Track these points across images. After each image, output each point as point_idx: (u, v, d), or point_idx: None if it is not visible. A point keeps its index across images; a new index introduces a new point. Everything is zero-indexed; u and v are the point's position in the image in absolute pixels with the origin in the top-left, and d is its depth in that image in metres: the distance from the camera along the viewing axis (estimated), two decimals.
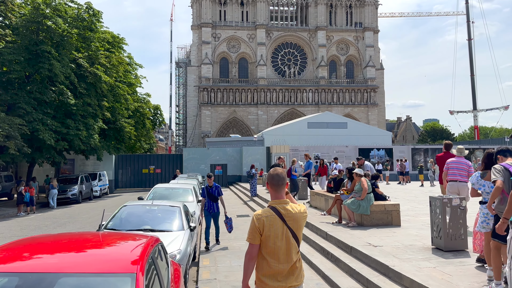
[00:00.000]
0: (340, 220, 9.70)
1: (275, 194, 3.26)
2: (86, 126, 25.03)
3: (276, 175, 3.27)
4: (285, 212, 3.12)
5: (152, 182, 35.20)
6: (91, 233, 4.04)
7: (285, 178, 3.29)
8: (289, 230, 3.14)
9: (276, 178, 3.26)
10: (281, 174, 3.31)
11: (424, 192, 19.23)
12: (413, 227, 8.84)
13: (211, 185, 9.90)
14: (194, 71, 70.20)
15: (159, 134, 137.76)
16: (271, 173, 3.29)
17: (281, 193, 3.25)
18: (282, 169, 3.42)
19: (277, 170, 3.32)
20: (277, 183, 3.25)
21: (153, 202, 7.96)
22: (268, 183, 3.33)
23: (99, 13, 25.25)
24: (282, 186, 3.25)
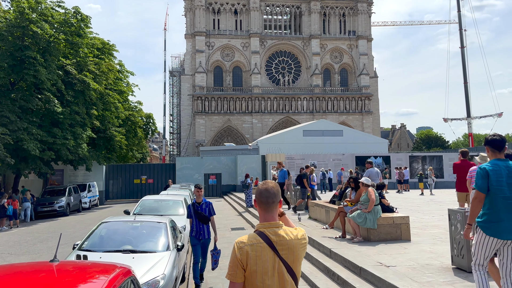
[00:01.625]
0: (344, 234, 8.87)
1: (264, 215, 2.52)
2: (74, 135, 24.06)
3: (265, 191, 2.54)
4: (276, 239, 2.38)
5: (144, 193, 34.07)
6: (43, 265, 3.20)
7: (277, 194, 2.55)
8: (283, 262, 2.39)
9: (265, 195, 2.52)
10: (272, 189, 2.56)
11: (426, 201, 18.50)
12: (425, 242, 8.03)
13: (200, 201, 7.42)
14: (188, 80, 69.58)
15: (153, 144, 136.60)
16: (259, 187, 2.58)
17: (271, 213, 2.50)
18: (274, 183, 2.62)
19: (267, 184, 2.59)
20: (266, 200, 2.51)
21: (136, 218, 7.08)
22: (255, 200, 2.58)
23: (87, 18, 24.45)
24: (273, 204, 2.52)
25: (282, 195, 15.28)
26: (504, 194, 3.89)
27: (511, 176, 3.94)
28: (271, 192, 2.52)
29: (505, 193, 3.90)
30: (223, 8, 71.41)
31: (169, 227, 6.80)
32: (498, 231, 3.87)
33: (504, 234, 3.85)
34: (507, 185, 3.92)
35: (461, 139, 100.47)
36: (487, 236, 3.94)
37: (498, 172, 3.95)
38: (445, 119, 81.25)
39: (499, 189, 3.92)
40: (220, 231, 13.82)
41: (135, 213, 11.27)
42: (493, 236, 3.90)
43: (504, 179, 3.93)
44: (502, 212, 3.89)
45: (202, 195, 7.57)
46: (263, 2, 72.57)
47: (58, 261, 3.16)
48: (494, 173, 3.96)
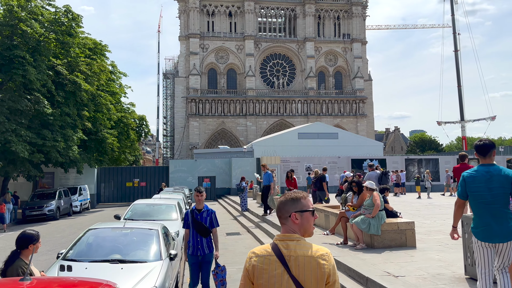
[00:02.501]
0: (345, 241, 8.45)
1: (282, 227, 2.28)
2: (64, 137, 23.43)
3: (281, 204, 2.29)
4: (288, 253, 2.11)
5: (136, 196, 33.51)
6: (10, 285, 2.74)
7: (281, 209, 2.28)
8: (293, 280, 2.08)
9: (280, 207, 2.28)
10: (279, 203, 2.32)
11: (424, 205, 18.18)
12: (431, 249, 7.65)
13: (201, 208, 5.97)
14: (182, 82, 69.03)
15: (146, 146, 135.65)
16: (280, 199, 2.32)
17: (284, 226, 2.25)
18: (301, 193, 2.30)
19: (286, 196, 2.30)
20: (276, 213, 2.33)
21: (125, 224, 6.59)
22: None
23: (78, 17, 23.88)
24: (281, 219, 2.28)
25: (264, 199, 14.71)
26: (485, 199, 3.92)
27: (492, 181, 3.91)
28: (278, 206, 2.30)
29: (485, 198, 3.92)
30: (218, 10, 71.07)
31: (161, 234, 6.33)
32: (488, 235, 3.93)
33: (494, 238, 3.90)
34: (488, 190, 3.91)
35: (454, 142, 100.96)
36: (481, 242, 4.02)
37: (476, 178, 3.99)
38: (439, 122, 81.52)
39: (478, 195, 3.97)
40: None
41: (126, 218, 10.76)
42: (484, 241, 3.97)
43: (483, 184, 3.95)
44: (487, 217, 3.92)
45: (203, 200, 5.97)
46: (257, 5, 72.35)
47: (30, 279, 2.70)
48: (471, 179, 4.03)
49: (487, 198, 3.92)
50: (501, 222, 3.88)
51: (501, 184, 3.89)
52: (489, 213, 3.91)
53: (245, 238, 12.46)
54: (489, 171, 3.97)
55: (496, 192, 3.89)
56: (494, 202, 3.90)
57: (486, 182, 3.93)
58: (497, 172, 3.94)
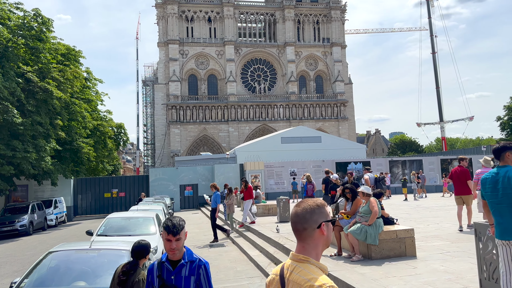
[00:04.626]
0: (339, 251, 7.79)
1: (300, 243, 1.95)
2: (36, 147, 22.14)
3: (293, 214, 1.96)
4: (288, 275, 1.90)
5: (115, 207, 32.25)
6: None
7: (308, 219, 1.90)
8: None
9: (293, 219, 1.96)
10: (302, 212, 1.92)
11: (413, 208, 17.79)
12: (432, 258, 7.06)
13: (178, 259, 3.02)
14: (162, 89, 67.83)
15: (126, 155, 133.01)
16: (304, 206, 1.96)
17: (302, 242, 1.92)
18: (313, 203, 1.92)
19: (299, 205, 1.96)
20: (294, 226, 1.96)
21: (93, 244, 5.75)
22: None
23: (49, 21, 22.70)
24: (304, 232, 1.90)
25: (213, 223, 13.70)
26: (494, 199, 4.16)
27: (499, 182, 4.14)
28: (300, 217, 1.92)
29: (494, 198, 4.16)
30: (197, 16, 70.33)
31: None
32: (501, 233, 4.11)
33: (506, 235, 4.06)
34: (496, 191, 4.14)
35: (434, 143, 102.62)
36: (497, 239, 4.19)
37: (488, 180, 4.26)
38: (418, 124, 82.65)
39: (488, 195, 4.24)
40: (197, 249, 12.51)
41: (99, 234, 9.85)
42: (499, 238, 4.15)
43: (492, 185, 4.20)
44: (496, 215, 4.16)
45: (183, 243, 3.01)
46: (237, 10, 71.98)
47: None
48: (484, 181, 4.31)
49: (496, 198, 4.13)
50: (508, 221, 4.04)
51: (505, 185, 4.07)
52: (496, 211, 4.13)
53: (230, 251, 11.67)
54: (498, 172, 4.17)
55: (503, 193, 4.07)
56: (501, 202, 4.08)
57: (495, 183, 4.15)
58: (504, 174, 4.11)
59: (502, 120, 59.34)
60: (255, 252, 10.55)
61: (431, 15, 75.29)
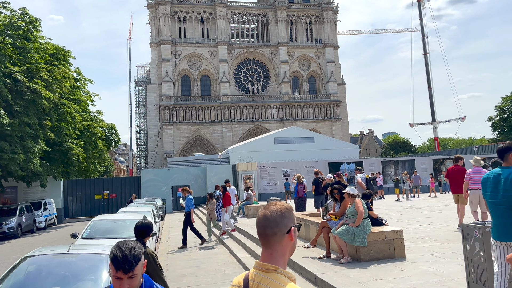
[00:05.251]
0: (328, 253, 7.65)
1: (265, 250, 1.77)
2: (24, 148, 21.77)
3: (262, 217, 1.77)
4: (253, 286, 1.70)
5: (106, 209, 31.91)
6: None
7: (279, 223, 1.74)
8: None
9: (261, 223, 1.77)
10: (273, 214, 1.75)
11: (405, 208, 17.73)
12: (422, 260, 6.95)
13: None
14: (154, 89, 67.42)
15: (119, 156, 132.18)
16: (271, 209, 1.79)
17: (269, 249, 1.74)
18: (284, 205, 1.78)
19: (268, 208, 1.79)
20: (262, 231, 1.76)
21: (71, 248, 5.54)
22: None
23: (37, 21, 22.35)
24: (273, 237, 1.73)
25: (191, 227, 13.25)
26: (491, 199, 4.15)
27: (497, 182, 4.11)
28: (270, 220, 1.74)
29: (494, 199, 4.12)
30: (189, 17, 70.02)
31: None
32: (495, 233, 4.10)
33: (503, 237, 4.01)
34: (496, 191, 4.11)
35: (427, 144, 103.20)
36: (494, 240, 4.14)
37: (488, 180, 4.23)
38: (411, 124, 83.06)
39: (487, 195, 4.22)
40: (187, 251, 12.32)
41: (84, 236, 9.63)
42: (495, 239, 4.10)
43: (492, 186, 4.17)
44: (493, 216, 4.14)
45: (139, 279, 2.16)
46: (229, 11, 71.80)
47: None
48: (485, 180, 4.28)
49: (495, 199, 4.09)
50: (505, 222, 4.00)
51: (507, 187, 3.99)
52: (496, 213, 4.08)
53: (219, 253, 11.49)
54: (501, 173, 4.10)
55: (503, 194, 4.01)
56: (500, 203, 4.03)
57: (496, 184, 4.10)
58: (507, 175, 4.04)
59: (493, 120, 59.84)
60: (244, 254, 10.39)
61: (422, 16, 75.75)
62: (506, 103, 57.74)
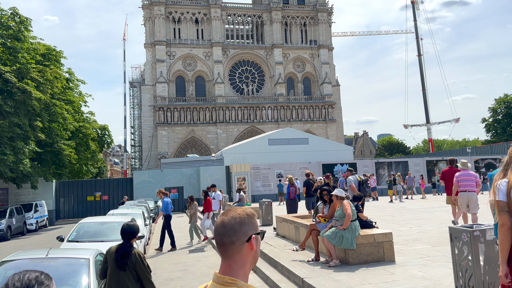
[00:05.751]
0: (317, 256, 7.53)
1: (224, 261, 1.60)
2: (14, 150, 21.49)
3: (220, 225, 1.62)
4: None
5: (98, 211, 31.62)
6: None
7: (238, 231, 1.57)
8: None
9: (219, 231, 1.61)
10: (230, 221, 1.60)
11: (397, 210, 17.69)
12: (412, 263, 6.85)
13: None
14: (149, 90, 67.10)
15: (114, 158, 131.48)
16: (230, 216, 1.62)
17: (227, 260, 1.58)
18: (244, 212, 1.62)
19: (227, 214, 1.64)
20: (219, 240, 1.60)
21: (49, 253, 5.37)
22: None
23: (27, 20, 22.09)
24: (231, 246, 1.57)
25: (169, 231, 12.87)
26: None
27: None
28: (227, 227, 1.58)
29: None
30: (184, 17, 69.82)
31: (92, 264, 5.15)
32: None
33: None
34: None
35: (421, 145, 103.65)
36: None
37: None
38: (405, 126, 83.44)
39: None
40: (176, 253, 12.16)
41: (70, 239, 9.46)
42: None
43: None
44: None
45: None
46: (224, 12, 71.69)
47: None
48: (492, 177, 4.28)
49: None
50: None
51: None
52: None
53: (209, 256, 11.33)
54: None
55: None
56: None
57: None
58: None
59: (487, 122, 60.20)
60: None
61: (416, 18, 76.16)
62: (499, 104, 58.13)
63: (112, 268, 4.33)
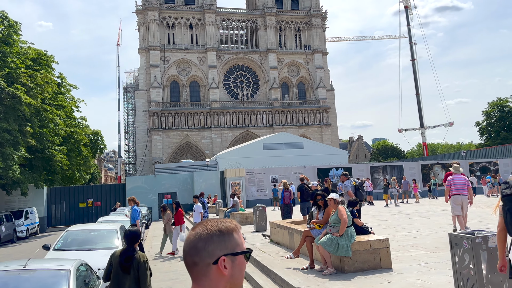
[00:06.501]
0: (312, 264, 7.27)
1: (194, 282, 1.34)
2: (3, 156, 21.04)
3: (185, 242, 1.36)
4: None
5: (91, 217, 31.11)
6: None
7: (200, 250, 1.30)
8: None
9: (184, 249, 1.36)
10: (194, 239, 1.33)
11: (393, 214, 17.48)
12: (409, 270, 6.61)
13: None
14: (143, 95, 66.75)
15: (108, 163, 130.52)
16: (196, 232, 1.36)
17: (197, 284, 1.31)
18: (214, 225, 1.34)
19: (196, 228, 1.38)
20: (184, 260, 1.35)
21: (27, 264, 5.06)
22: None
23: (16, 24, 21.75)
24: (195, 267, 1.31)
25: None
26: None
27: None
28: (190, 246, 1.33)
29: None
30: (178, 23, 69.71)
31: (73, 276, 4.85)
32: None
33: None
34: None
35: (415, 149, 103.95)
36: None
37: None
38: (399, 130, 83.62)
39: None
40: (167, 261, 11.84)
41: (56, 248, 9.12)
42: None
43: None
44: None
45: None
46: (218, 17, 71.69)
47: None
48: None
49: None
50: None
51: None
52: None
53: None
54: None
55: None
56: None
57: None
58: None
59: (481, 126, 60.46)
60: None
61: (410, 23, 76.62)
62: (492, 108, 58.41)
63: (116, 271, 4.64)
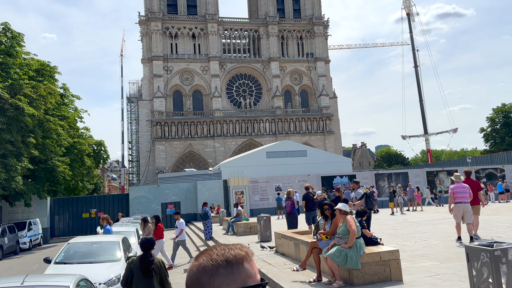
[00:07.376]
0: (319, 277, 7.04)
1: None
2: (6, 167, 20.97)
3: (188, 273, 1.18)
4: None
5: (94, 228, 30.83)
6: None
7: (204, 285, 1.10)
8: None
9: (186, 280, 1.18)
10: (197, 271, 1.13)
11: (399, 222, 17.18)
12: (421, 283, 6.37)
13: None
14: (146, 105, 66.96)
15: (112, 173, 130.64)
16: (198, 263, 1.16)
17: None
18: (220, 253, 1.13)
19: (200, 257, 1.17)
20: None
21: (25, 281, 4.89)
22: None
23: (19, 36, 21.84)
24: None
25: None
26: None
27: None
28: (193, 278, 1.14)
29: None
30: (181, 33, 70.14)
31: None
32: None
33: None
34: None
35: (419, 156, 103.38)
36: None
37: None
38: (403, 137, 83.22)
39: None
40: (171, 273, 11.59)
41: (57, 261, 8.93)
42: None
43: None
44: None
45: None
46: (221, 26, 72.10)
47: None
48: None
49: None
50: None
51: None
52: None
53: None
54: None
55: None
56: None
57: None
58: None
59: (485, 132, 60.05)
60: None
61: (412, 30, 76.70)
62: (497, 114, 58.06)
63: (139, 276, 5.18)
